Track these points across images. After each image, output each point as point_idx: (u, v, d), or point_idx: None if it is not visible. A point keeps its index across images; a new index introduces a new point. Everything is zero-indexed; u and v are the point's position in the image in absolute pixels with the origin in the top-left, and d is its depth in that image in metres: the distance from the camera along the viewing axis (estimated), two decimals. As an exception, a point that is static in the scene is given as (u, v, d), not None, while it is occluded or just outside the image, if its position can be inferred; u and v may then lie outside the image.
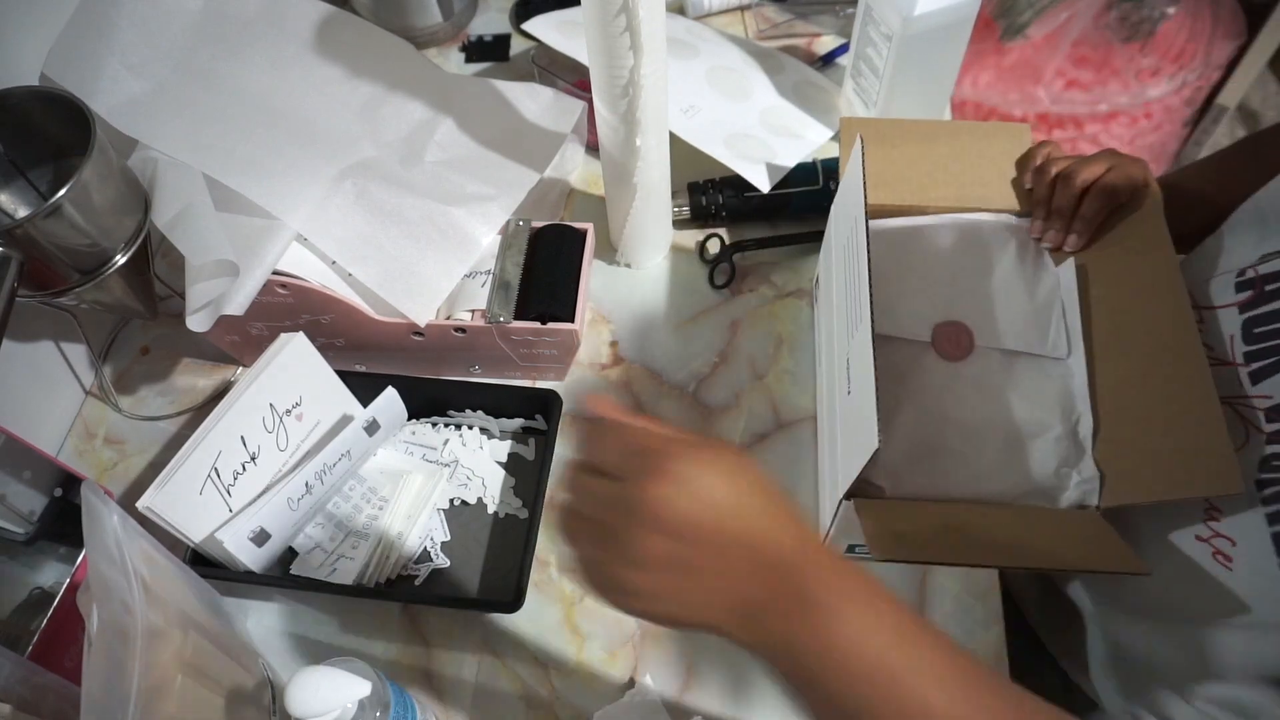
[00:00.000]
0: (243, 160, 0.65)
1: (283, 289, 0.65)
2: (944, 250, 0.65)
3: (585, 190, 0.85)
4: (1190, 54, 1.46)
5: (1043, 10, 1.41)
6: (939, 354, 0.62)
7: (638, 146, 0.66)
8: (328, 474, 0.65)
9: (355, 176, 0.67)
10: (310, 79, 0.74)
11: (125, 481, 0.73)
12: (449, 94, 0.78)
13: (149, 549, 0.53)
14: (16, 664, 0.54)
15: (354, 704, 0.47)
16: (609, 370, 0.76)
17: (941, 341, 0.62)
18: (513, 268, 0.69)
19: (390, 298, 0.65)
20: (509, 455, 0.71)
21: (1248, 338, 0.52)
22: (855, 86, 0.85)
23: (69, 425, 0.77)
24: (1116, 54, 1.44)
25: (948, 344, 0.62)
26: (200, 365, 0.78)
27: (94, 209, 0.59)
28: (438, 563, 0.66)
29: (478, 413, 0.71)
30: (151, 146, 0.66)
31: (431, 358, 0.72)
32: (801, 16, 0.95)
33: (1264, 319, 0.51)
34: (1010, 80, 1.48)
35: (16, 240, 0.56)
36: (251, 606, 0.66)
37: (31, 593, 0.63)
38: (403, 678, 0.63)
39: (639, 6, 0.55)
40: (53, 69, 0.66)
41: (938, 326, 0.63)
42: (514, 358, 0.71)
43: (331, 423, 0.67)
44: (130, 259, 0.64)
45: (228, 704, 0.54)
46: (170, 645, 0.50)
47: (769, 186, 0.76)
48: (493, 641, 0.64)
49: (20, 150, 0.64)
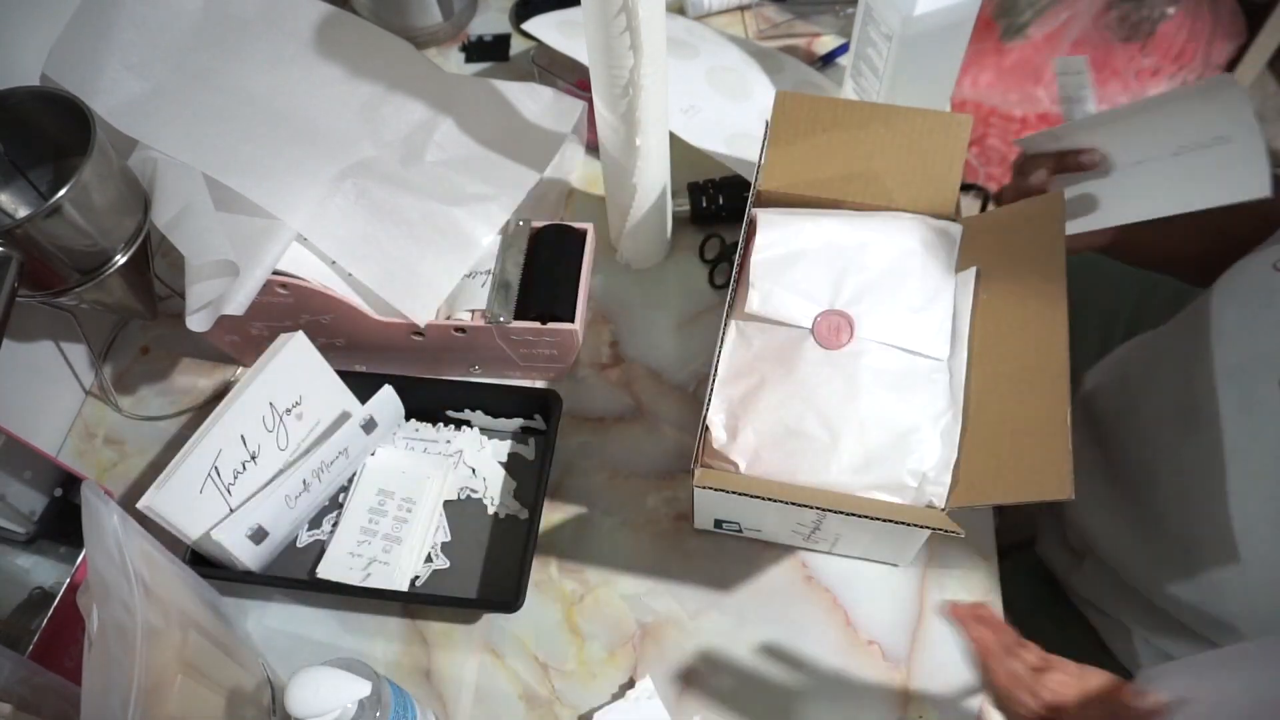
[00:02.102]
0: (243, 160, 0.65)
1: (283, 289, 0.65)
2: (840, 244, 0.64)
3: (585, 190, 0.85)
4: (1190, 54, 1.46)
5: (1043, 10, 1.41)
6: (817, 341, 0.61)
7: (638, 146, 0.66)
8: (325, 471, 0.65)
9: (355, 176, 0.67)
10: (310, 79, 0.74)
11: (125, 481, 0.73)
12: (449, 94, 0.78)
13: (149, 549, 0.53)
14: (16, 664, 0.54)
15: (354, 704, 0.47)
16: (609, 370, 0.76)
17: (821, 329, 0.61)
18: (513, 268, 0.69)
19: (390, 298, 0.65)
20: (509, 455, 0.71)
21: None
22: (855, 86, 0.85)
23: (69, 425, 0.77)
24: (1116, 54, 1.44)
25: (828, 332, 0.61)
26: (200, 365, 0.78)
27: (94, 209, 0.59)
28: (438, 563, 0.66)
29: (477, 413, 0.71)
30: (152, 147, 0.66)
31: (431, 358, 0.72)
32: (801, 16, 0.95)
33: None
34: (1010, 80, 1.48)
35: (16, 240, 0.57)
36: (251, 606, 0.66)
37: (31, 593, 0.63)
38: (403, 678, 0.63)
39: (639, 6, 0.55)
40: (53, 69, 0.67)
41: (821, 315, 0.62)
42: (514, 358, 0.71)
43: (331, 422, 0.67)
44: (130, 259, 0.64)
45: (228, 704, 0.54)
46: (170, 645, 0.50)
47: None
48: (493, 641, 0.64)
49: (20, 150, 0.64)
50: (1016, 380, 0.56)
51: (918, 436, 0.57)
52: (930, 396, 0.59)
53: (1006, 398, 0.56)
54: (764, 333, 0.62)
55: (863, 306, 0.62)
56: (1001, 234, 0.63)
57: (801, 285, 0.63)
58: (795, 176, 0.67)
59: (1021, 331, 0.58)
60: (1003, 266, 0.62)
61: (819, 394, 0.59)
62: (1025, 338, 0.57)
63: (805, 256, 0.64)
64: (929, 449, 0.57)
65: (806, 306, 0.62)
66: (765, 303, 0.62)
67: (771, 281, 0.63)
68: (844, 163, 0.66)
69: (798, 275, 0.63)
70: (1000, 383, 0.58)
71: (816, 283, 0.63)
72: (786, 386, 0.60)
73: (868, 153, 0.65)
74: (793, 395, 0.59)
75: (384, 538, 0.66)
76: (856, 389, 0.59)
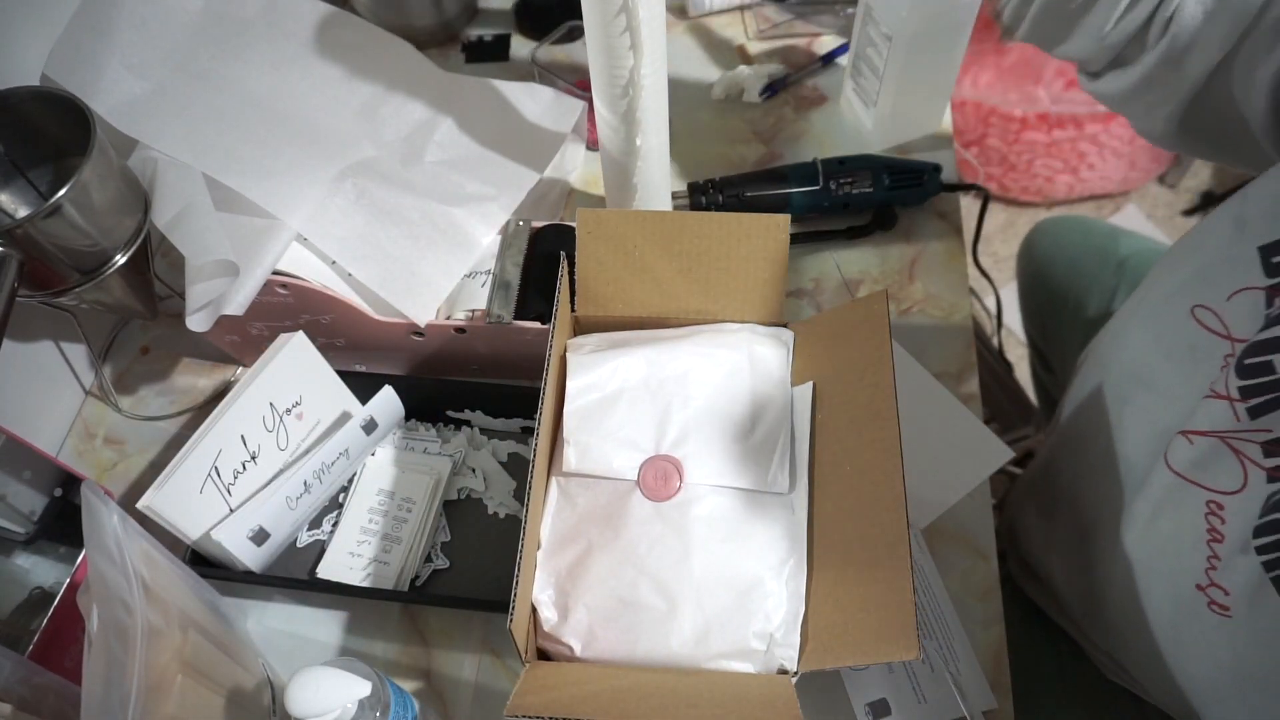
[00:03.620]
0: (243, 160, 0.65)
1: (283, 289, 0.65)
2: (661, 377, 0.59)
3: (585, 190, 0.85)
4: (1190, 54, 1.46)
5: (1043, 10, 1.41)
6: (645, 494, 0.56)
7: (638, 146, 0.66)
8: (326, 472, 0.65)
9: (356, 176, 0.67)
10: (310, 79, 0.74)
11: (125, 481, 0.73)
12: (449, 94, 0.78)
13: (149, 549, 0.53)
14: (16, 664, 0.54)
15: (354, 704, 0.47)
16: (609, 370, 0.76)
17: (648, 479, 0.56)
18: (513, 268, 0.69)
19: (390, 298, 0.65)
20: (509, 455, 0.71)
21: (1240, 370, 0.47)
22: (855, 86, 0.85)
23: (69, 425, 0.77)
24: (1116, 54, 1.44)
25: (655, 482, 0.56)
26: (200, 365, 0.79)
27: (94, 209, 0.59)
28: (438, 563, 0.66)
29: (477, 413, 0.71)
30: (152, 146, 0.66)
31: (431, 358, 0.72)
32: (801, 16, 0.95)
33: (1255, 349, 0.46)
34: (1010, 80, 1.48)
35: (16, 240, 0.57)
36: (251, 606, 0.66)
37: (31, 593, 0.63)
38: (403, 678, 0.63)
39: (639, 6, 0.55)
40: (54, 69, 0.67)
41: (646, 463, 0.57)
42: (514, 358, 0.71)
43: (331, 422, 0.67)
44: (130, 259, 0.64)
45: (228, 704, 0.54)
46: (170, 645, 0.51)
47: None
48: (493, 641, 0.64)
49: (20, 150, 0.64)
50: (855, 515, 0.51)
51: (761, 591, 0.52)
52: (771, 540, 0.54)
53: (848, 534, 0.51)
54: (587, 489, 0.57)
55: (690, 446, 0.57)
56: (831, 340, 0.59)
57: (621, 433, 0.58)
58: (609, 299, 0.62)
59: (857, 456, 0.53)
60: (834, 378, 0.57)
61: (651, 556, 0.54)
62: (860, 463, 0.52)
63: (623, 398, 0.59)
64: (774, 605, 0.52)
65: (630, 456, 0.57)
66: (584, 459, 0.57)
67: (588, 434, 0.57)
68: (660, 278, 0.61)
69: (616, 421, 0.58)
70: (842, 519, 0.52)
71: (638, 427, 0.58)
72: (615, 551, 0.54)
73: (685, 265, 0.60)
74: (623, 561, 0.54)
75: (384, 538, 0.66)
76: (690, 546, 0.54)
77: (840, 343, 0.58)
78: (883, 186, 0.77)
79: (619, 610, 0.53)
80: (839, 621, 0.50)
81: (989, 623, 0.62)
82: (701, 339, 0.60)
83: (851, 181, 0.77)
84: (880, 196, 0.78)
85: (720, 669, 0.52)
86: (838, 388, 0.56)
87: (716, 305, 0.62)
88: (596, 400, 0.59)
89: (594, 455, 0.57)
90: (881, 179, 0.77)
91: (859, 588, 0.49)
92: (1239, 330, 0.48)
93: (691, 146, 0.87)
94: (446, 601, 0.65)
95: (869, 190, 0.77)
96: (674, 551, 0.54)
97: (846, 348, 0.57)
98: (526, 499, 0.51)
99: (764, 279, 0.60)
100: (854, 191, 0.77)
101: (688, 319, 0.62)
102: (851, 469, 0.53)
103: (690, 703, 0.48)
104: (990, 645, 0.62)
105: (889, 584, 0.47)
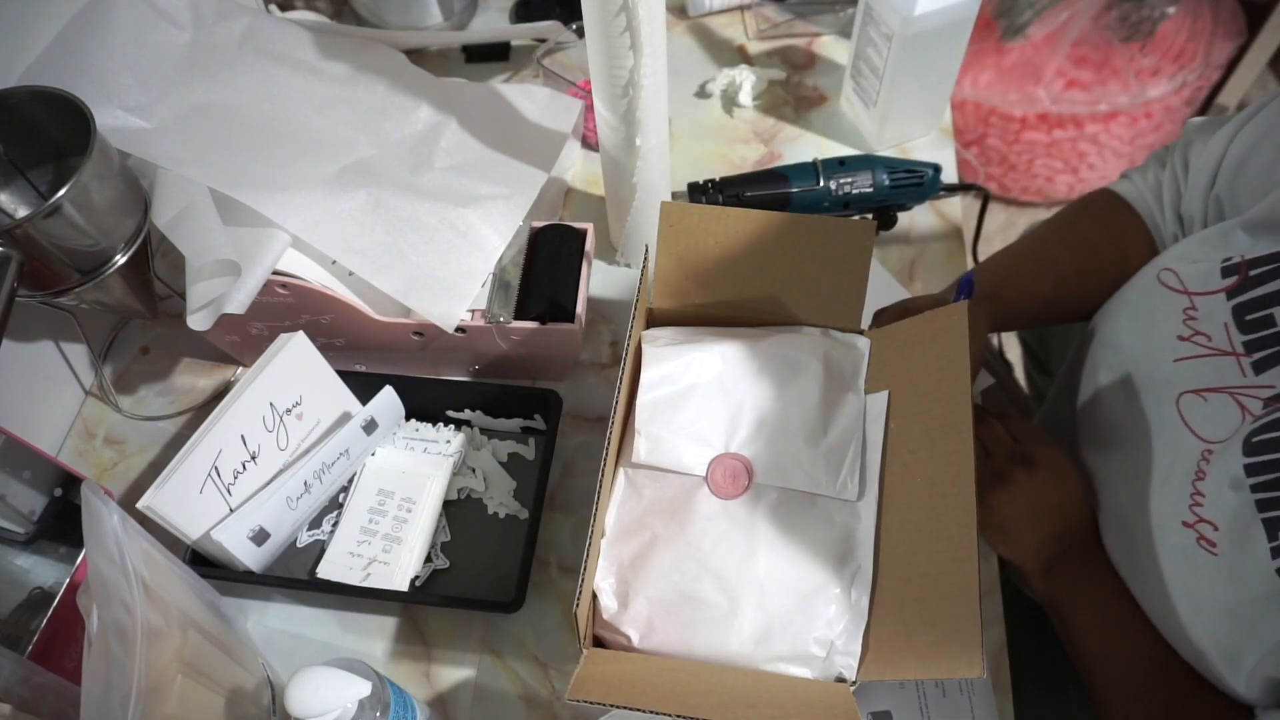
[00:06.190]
0: (254, 179, 0.64)
1: (283, 289, 0.65)
2: (735, 375, 0.59)
3: (585, 190, 0.85)
4: (1190, 54, 1.46)
5: (1043, 10, 1.41)
6: (712, 491, 0.56)
7: (638, 146, 0.66)
8: (326, 472, 0.65)
9: (371, 187, 0.67)
10: (309, 102, 0.73)
11: (125, 481, 0.73)
12: (448, 101, 0.78)
13: (149, 549, 0.53)
14: (16, 664, 0.54)
15: (354, 704, 0.47)
16: (609, 370, 0.76)
17: (717, 477, 0.56)
18: (513, 268, 0.69)
19: (416, 306, 0.65)
20: (509, 455, 0.71)
21: (1241, 325, 0.50)
22: (855, 86, 0.85)
23: (69, 425, 0.77)
24: (1116, 54, 1.44)
25: (724, 480, 0.56)
26: (200, 365, 0.79)
27: (94, 209, 0.59)
28: (438, 563, 0.66)
29: (477, 413, 0.71)
30: (160, 165, 0.65)
31: (431, 358, 0.72)
32: (801, 16, 0.95)
33: (1254, 305, 0.50)
34: (1010, 80, 1.48)
35: (16, 240, 0.57)
36: (251, 606, 0.66)
37: (31, 593, 0.63)
38: (403, 678, 0.63)
39: (639, 6, 0.55)
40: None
41: (715, 460, 0.56)
42: (514, 358, 0.71)
43: (332, 422, 0.67)
44: (130, 259, 0.64)
45: (228, 704, 0.54)
46: (170, 645, 0.50)
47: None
48: (493, 641, 0.64)
49: (20, 150, 0.64)
50: (925, 529, 0.50)
51: (824, 597, 0.52)
52: (836, 546, 0.54)
53: (915, 547, 0.51)
54: (655, 482, 0.57)
55: (760, 446, 0.57)
56: (908, 349, 0.58)
57: (693, 428, 0.58)
58: (687, 294, 0.61)
59: (928, 468, 0.52)
60: (910, 388, 0.56)
61: (715, 553, 0.54)
62: (931, 475, 0.51)
63: (696, 393, 0.58)
64: (836, 611, 0.52)
65: (700, 452, 0.57)
66: (654, 451, 0.57)
67: (660, 426, 0.57)
68: (739, 276, 0.60)
69: (688, 416, 0.58)
70: (909, 531, 0.52)
71: (710, 424, 0.58)
72: (679, 545, 0.54)
73: (765, 265, 0.60)
74: (687, 555, 0.54)
75: (384, 538, 0.66)
76: (755, 545, 0.54)
77: (917, 352, 0.57)
78: (883, 186, 0.77)
79: (679, 604, 0.53)
80: (901, 634, 0.49)
81: (989, 623, 0.62)
82: (778, 339, 0.60)
83: (851, 181, 0.77)
84: (880, 196, 0.78)
85: (778, 671, 0.51)
86: (912, 397, 0.56)
87: (794, 307, 0.61)
88: (670, 394, 0.59)
89: (664, 448, 0.57)
90: (881, 179, 0.77)
91: (924, 602, 0.49)
92: (1195, 285, 0.54)
93: (691, 146, 0.87)
94: (446, 601, 0.65)
95: (869, 190, 0.77)
96: (738, 550, 0.54)
97: (923, 357, 0.56)
98: (598, 487, 0.51)
99: (844, 284, 0.60)
100: (854, 191, 0.77)
101: (764, 319, 0.62)
102: (922, 480, 0.52)
103: (749, 703, 0.47)
104: (990, 645, 0.62)
105: (955, 599, 0.46)
